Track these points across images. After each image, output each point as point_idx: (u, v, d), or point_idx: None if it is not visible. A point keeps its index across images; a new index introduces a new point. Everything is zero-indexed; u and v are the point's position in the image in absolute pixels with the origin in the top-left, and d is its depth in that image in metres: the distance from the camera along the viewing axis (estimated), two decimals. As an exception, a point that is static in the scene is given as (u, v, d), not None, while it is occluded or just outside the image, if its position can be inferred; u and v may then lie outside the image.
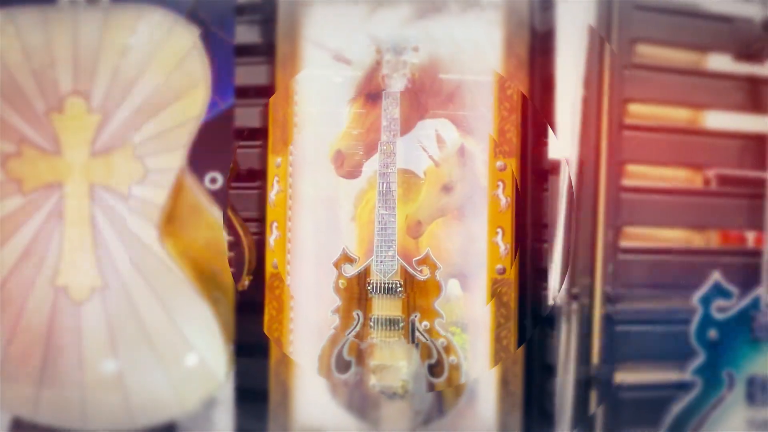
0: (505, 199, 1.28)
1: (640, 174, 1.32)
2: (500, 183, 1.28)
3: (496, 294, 1.27)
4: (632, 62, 1.30)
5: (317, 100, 1.31)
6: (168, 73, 1.31)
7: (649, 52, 1.31)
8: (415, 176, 1.27)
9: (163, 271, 1.33)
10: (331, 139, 1.30)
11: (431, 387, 1.26)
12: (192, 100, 1.31)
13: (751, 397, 1.33)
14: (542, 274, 1.29)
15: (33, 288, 1.35)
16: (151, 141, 1.32)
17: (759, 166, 1.33)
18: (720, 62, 1.35)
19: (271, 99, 1.34)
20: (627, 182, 1.30)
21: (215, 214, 1.37)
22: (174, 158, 1.32)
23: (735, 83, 1.35)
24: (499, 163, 1.28)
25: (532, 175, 1.29)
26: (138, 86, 1.31)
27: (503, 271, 1.27)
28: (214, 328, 1.33)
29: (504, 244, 1.27)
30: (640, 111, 1.32)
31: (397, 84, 1.26)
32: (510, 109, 1.28)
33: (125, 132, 1.32)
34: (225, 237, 1.36)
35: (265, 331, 1.35)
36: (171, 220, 1.34)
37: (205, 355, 1.34)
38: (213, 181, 1.53)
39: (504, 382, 1.29)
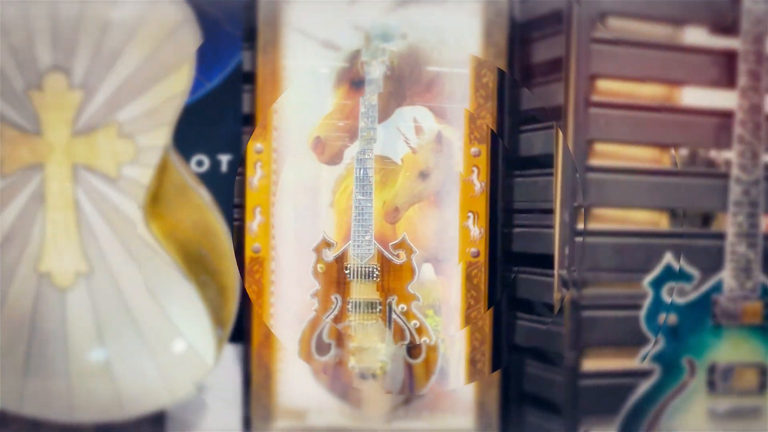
0: (479, 184, 1.31)
1: (608, 153, 1.33)
2: (474, 168, 1.31)
3: (467, 277, 1.31)
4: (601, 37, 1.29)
5: (300, 86, 1.32)
6: (155, 47, 1.28)
7: (619, 26, 1.32)
8: (392, 163, 1.30)
9: (149, 254, 1.31)
10: (312, 125, 1.31)
11: (409, 368, 1.30)
12: (180, 76, 1.29)
13: (712, 386, 1.31)
14: (513, 258, 1.33)
15: (14, 275, 1.32)
16: (140, 119, 1.29)
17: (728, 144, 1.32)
18: (695, 36, 1.34)
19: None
20: (594, 162, 1.30)
21: (203, 194, 1.35)
22: (161, 136, 1.30)
23: (710, 58, 1.34)
24: (474, 149, 1.31)
25: (505, 161, 1.32)
26: (122, 61, 1.28)
27: (477, 254, 1.31)
28: (202, 312, 1.31)
29: (477, 228, 1.31)
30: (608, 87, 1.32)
31: (376, 71, 1.28)
32: (486, 96, 1.31)
33: (110, 110, 1.29)
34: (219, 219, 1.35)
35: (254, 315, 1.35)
36: (156, 201, 1.32)
37: (193, 341, 1.33)
38: (199, 163, 1.54)
39: (472, 362, 1.33)
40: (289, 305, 1.32)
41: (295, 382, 1.33)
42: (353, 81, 1.30)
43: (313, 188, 1.32)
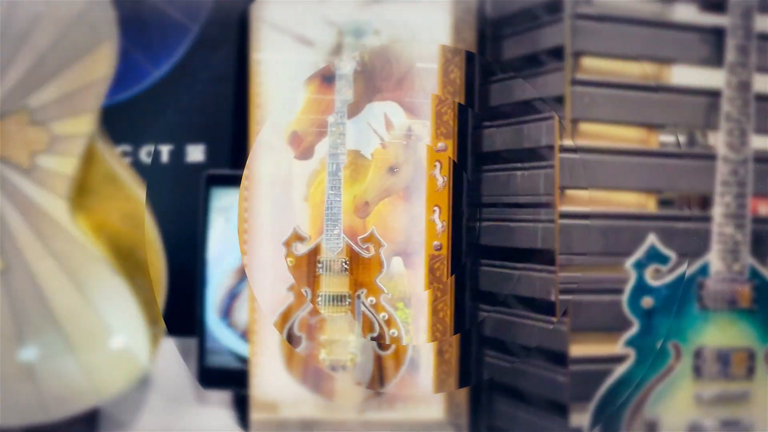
0: (441, 178, 1.33)
1: (592, 133, 1.30)
2: (437, 163, 1.33)
3: (430, 269, 1.33)
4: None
5: (275, 81, 1.33)
6: (64, 28, 1.21)
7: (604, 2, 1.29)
8: (363, 158, 1.31)
9: (74, 248, 1.26)
10: (288, 120, 1.32)
11: (379, 360, 1.31)
12: (97, 60, 1.23)
13: (698, 371, 1.28)
14: (479, 251, 1.35)
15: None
16: (53, 105, 1.23)
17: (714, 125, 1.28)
18: (685, 13, 1.30)
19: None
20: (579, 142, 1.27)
21: (134, 185, 1.32)
22: (82, 123, 1.24)
23: (700, 35, 1.30)
24: (440, 144, 1.33)
25: (472, 156, 1.34)
26: (30, 43, 1.21)
27: (440, 248, 1.33)
28: (134, 308, 1.29)
29: (441, 222, 1.33)
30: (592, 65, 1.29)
31: (347, 66, 1.29)
32: (453, 92, 1.33)
33: (20, 95, 1.22)
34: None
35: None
36: (83, 193, 1.28)
37: (124, 338, 1.30)
38: (149, 154, 1.53)
39: (440, 352, 1.35)
40: (264, 299, 1.33)
41: (268, 374, 1.35)
42: (325, 76, 1.31)
43: (287, 182, 1.33)
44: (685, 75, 1.31)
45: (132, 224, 1.31)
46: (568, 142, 1.25)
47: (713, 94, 1.29)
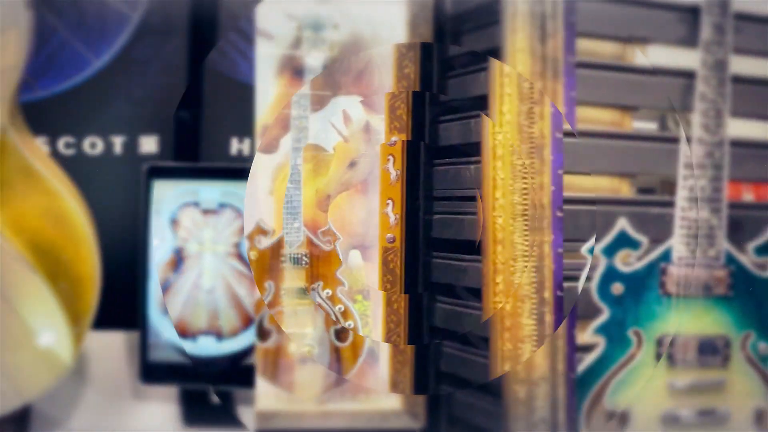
0: (394, 172, 1.35)
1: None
2: (390, 157, 1.35)
3: (384, 262, 1.35)
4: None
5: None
6: None
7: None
8: (325, 152, 1.32)
9: None
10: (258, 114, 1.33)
11: (336, 352, 1.33)
12: (3, 46, 1.16)
13: (671, 359, 1.25)
14: (433, 243, 1.37)
15: None
16: None
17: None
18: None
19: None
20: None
21: (56, 178, 1.28)
22: None
23: (676, 14, 1.27)
24: (392, 138, 1.35)
25: (427, 150, 1.36)
26: None
27: (393, 240, 1.35)
28: (54, 306, 1.25)
29: (394, 215, 1.35)
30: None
31: (314, 60, 1.30)
32: (408, 87, 1.35)
33: None
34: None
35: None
36: None
37: (44, 338, 1.26)
38: (93, 145, 1.50)
39: (395, 344, 1.38)
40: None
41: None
42: (296, 70, 1.31)
43: (254, 176, 1.32)
44: (660, 55, 1.28)
45: (53, 220, 1.26)
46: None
47: (689, 75, 1.26)
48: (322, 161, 1.32)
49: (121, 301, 1.37)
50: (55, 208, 1.26)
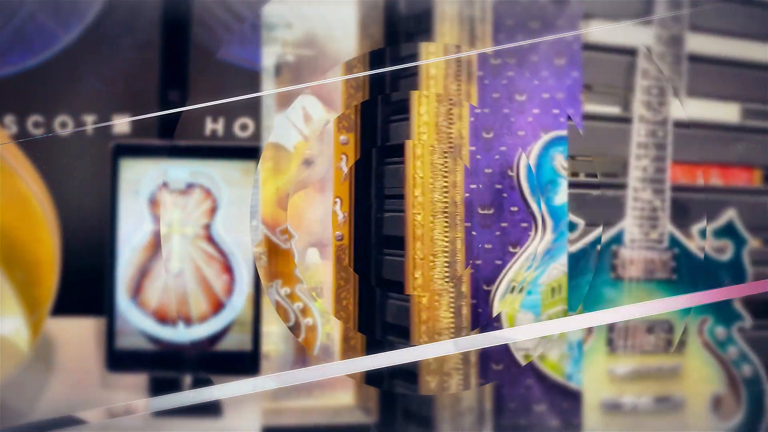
0: (346, 170, 1.34)
1: None
2: (343, 156, 1.34)
3: (337, 259, 1.36)
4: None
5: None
6: None
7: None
8: (285, 150, 1.32)
9: None
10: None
11: (299, 347, 1.34)
12: None
13: (611, 344, 1.22)
14: (384, 241, 1.38)
15: None
16: None
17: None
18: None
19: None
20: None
21: (8, 157, 1.26)
22: None
23: None
24: (342, 138, 1.34)
25: (378, 149, 1.36)
26: None
27: (341, 238, 1.35)
28: (8, 293, 1.24)
29: (342, 213, 1.35)
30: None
31: (270, 59, 1.28)
32: (356, 87, 1.34)
33: None
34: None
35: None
36: None
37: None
38: (63, 125, 1.48)
39: (346, 339, 1.39)
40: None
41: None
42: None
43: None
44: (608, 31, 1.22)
45: (7, 201, 1.24)
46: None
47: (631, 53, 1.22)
48: (282, 160, 1.32)
49: (92, 285, 1.37)
50: (8, 190, 1.25)
